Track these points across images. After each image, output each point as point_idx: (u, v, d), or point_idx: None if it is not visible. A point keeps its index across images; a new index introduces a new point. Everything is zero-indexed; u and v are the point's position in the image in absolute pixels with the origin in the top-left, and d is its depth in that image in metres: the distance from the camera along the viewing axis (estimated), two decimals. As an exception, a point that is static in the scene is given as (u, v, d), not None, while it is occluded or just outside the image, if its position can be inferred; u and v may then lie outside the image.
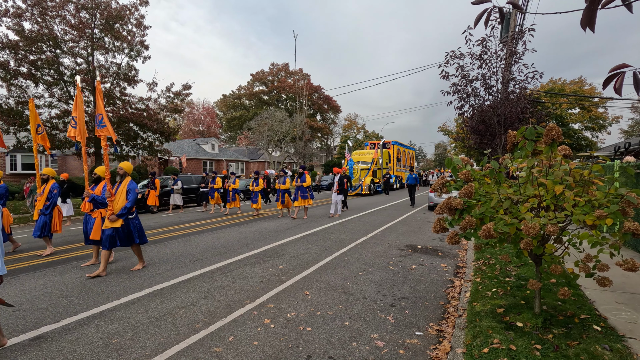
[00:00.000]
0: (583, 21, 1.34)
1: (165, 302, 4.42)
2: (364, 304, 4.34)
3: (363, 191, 22.55)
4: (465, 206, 3.54)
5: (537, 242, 3.19)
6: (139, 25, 15.36)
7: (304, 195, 11.49)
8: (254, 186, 12.73)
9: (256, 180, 12.77)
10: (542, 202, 3.17)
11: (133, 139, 16.22)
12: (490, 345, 3.10)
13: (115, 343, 3.38)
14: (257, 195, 12.82)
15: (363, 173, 23.10)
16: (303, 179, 11.48)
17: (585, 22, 1.33)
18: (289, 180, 11.78)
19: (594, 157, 9.19)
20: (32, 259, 6.78)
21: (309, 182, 11.51)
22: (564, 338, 3.12)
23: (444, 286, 5.11)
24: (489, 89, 7.76)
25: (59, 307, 4.27)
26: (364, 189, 22.57)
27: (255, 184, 12.73)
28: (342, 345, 3.35)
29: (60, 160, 27.55)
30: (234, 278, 5.35)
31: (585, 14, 1.32)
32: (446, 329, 3.74)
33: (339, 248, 7.34)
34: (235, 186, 13.52)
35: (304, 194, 11.49)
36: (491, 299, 4.19)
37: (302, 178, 11.49)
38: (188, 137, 52.87)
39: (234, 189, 13.51)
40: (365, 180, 22.70)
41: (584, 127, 28.85)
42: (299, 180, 11.52)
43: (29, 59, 13.24)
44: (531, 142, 3.36)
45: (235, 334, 3.56)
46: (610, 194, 2.92)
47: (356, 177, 22.28)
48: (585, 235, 2.96)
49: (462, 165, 3.71)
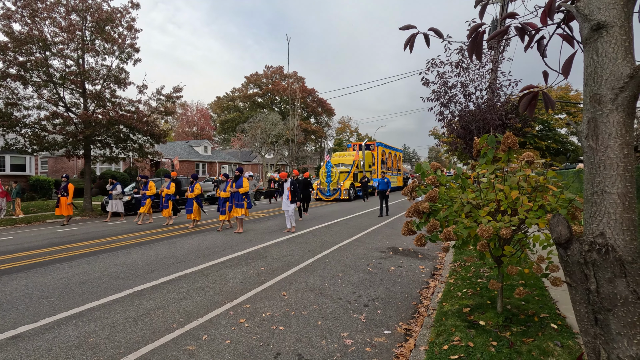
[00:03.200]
0: (469, 52, 1.54)
1: (144, 302, 4.51)
2: (338, 304, 4.48)
3: (342, 196, 20.67)
4: (431, 210, 3.71)
5: (494, 244, 3.36)
6: (130, 28, 15.39)
7: (239, 204, 9.61)
8: (189, 192, 10.86)
9: (192, 185, 10.91)
10: (500, 206, 3.34)
11: (123, 141, 16.21)
12: (451, 343, 3.25)
13: (91, 342, 3.47)
14: (192, 203, 10.84)
15: (342, 177, 21.40)
16: (239, 183, 9.62)
17: (470, 53, 1.53)
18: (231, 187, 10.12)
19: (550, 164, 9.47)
20: (16, 260, 6.82)
21: (246, 187, 9.61)
22: (520, 335, 3.29)
23: (419, 287, 5.27)
24: (468, 96, 8.02)
25: (39, 308, 4.35)
26: (343, 194, 20.69)
27: (191, 189, 10.87)
28: (312, 343, 3.48)
29: (50, 162, 27.36)
30: (214, 279, 5.46)
31: (470, 47, 1.51)
32: (414, 328, 3.89)
33: (322, 250, 7.48)
34: (169, 191, 11.43)
35: (238, 202, 9.62)
36: (460, 299, 4.36)
37: (239, 183, 9.64)
38: (182, 138, 52.75)
39: (167, 195, 11.42)
40: (344, 185, 20.92)
41: (570, 132, 29.48)
42: (234, 186, 9.67)
43: (18, 61, 13.22)
44: (491, 149, 3.54)
45: (209, 333, 3.68)
46: (561, 199, 3.11)
47: (334, 181, 20.80)
48: (537, 238, 3.14)
49: (430, 171, 3.89)
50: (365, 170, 23.72)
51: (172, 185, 11.46)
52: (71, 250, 7.72)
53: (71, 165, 25.20)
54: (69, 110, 15.02)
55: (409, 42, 1.64)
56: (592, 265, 1.63)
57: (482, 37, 1.55)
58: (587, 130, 1.69)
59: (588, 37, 1.63)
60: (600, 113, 1.62)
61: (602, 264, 1.60)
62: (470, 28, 1.53)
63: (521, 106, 1.68)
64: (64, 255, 7.25)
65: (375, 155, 25.77)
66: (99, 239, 9.04)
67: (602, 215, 1.65)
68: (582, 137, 1.73)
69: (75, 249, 7.85)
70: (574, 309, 1.79)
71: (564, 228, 1.74)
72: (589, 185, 1.72)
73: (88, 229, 11.10)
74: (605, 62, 1.59)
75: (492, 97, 8.07)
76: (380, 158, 26.28)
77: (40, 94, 14.41)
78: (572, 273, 1.72)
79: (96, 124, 14.45)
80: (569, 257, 1.71)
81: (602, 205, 1.65)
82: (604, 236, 1.63)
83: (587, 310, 1.68)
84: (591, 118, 1.66)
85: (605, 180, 1.63)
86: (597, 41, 1.61)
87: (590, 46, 1.63)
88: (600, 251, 1.61)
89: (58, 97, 14.67)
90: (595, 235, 1.67)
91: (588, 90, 1.67)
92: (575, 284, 1.72)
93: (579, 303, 1.72)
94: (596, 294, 1.63)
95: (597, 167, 1.66)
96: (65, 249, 7.81)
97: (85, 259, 6.89)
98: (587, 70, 1.66)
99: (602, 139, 1.63)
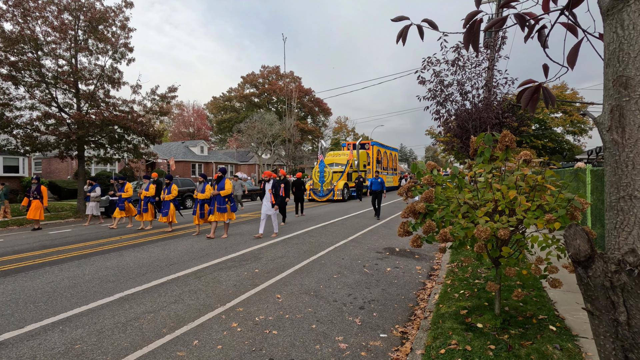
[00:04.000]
0: (465, 41, 1.44)
1: (134, 306, 4.40)
2: (333, 307, 4.39)
3: (335, 196, 20.14)
4: (427, 210, 3.62)
5: (492, 246, 3.29)
6: (124, 28, 15.21)
7: (222, 208, 8.89)
8: (165, 194, 10.04)
9: (168, 187, 10.05)
10: (498, 206, 3.27)
11: (117, 142, 16.03)
12: (448, 346, 3.17)
13: (77, 349, 3.36)
14: (168, 205, 10.01)
15: (336, 176, 20.83)
16: (221, 185, 8.95)
17: (467, 43, 1.43)
18: (210, 188, 9.33)
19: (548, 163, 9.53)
20: (4, 264, 6.67)
21: (228, 190, 8.91)
22: (519, 338, 3.21)
23: (416, 288, 5.19)
24: (465, 95, 7.97)
25: (25, 313, 4.22)
26: (336, 194, 20.14)
27: (167, 191, 10.03)
28: (306, 348, 3.39)
29: (44, 163, 27.08)
30: (207, 282, 5.35)
31: (466, 37, 1.41)
32: (410, 331, 3.81)
33: (318, 251, 7.39)
34: (148, 194, 10.61)
35: (221, 205, 8.91)
36: (457, 301, 4.28)
37: (221, 184, 8.96)
38: (178, 139, 52.46)
39: (146, 198, 10.64)
40: (338, 185, 20.33)
41: (566, 131, 29.56)
42: (216, 188, 8.99)
43: (10, 60, 13.03)
44: (489, 148, 3.46)
45: (200, 338, 3.58)
46: (560, 199, 3.03)
47: (327, 181, 20.23)
48: (535, 239, 3.07)
49: (426, 170, 3.81)
50: (360, 170, 23.11)
51: (152, 186, 10.61)
52: (63, 253, 7.58)
53: (65, 166, 24.96)
54: (61, 110, 14.82)
55: (401, 35, 1.54)
56: (621, 290, 1.31)
57: (478, 26, 1.43)
58: (609, 120, 1.39)
59: (610, 6, 1.36)
60: (628, 99, 1.33)
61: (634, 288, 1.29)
62: (467, 16, 1.41)
63: (522, 101, 1.51)
64: (54, 258, 7.11)
65: (370, 155, 25.20)
66: (92, 241, 8.90)
67: (632, 226, 1.34)
68: (604, 129, 1.44)
69: (67, 251, 7.71)
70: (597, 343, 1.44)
71: (583, 242, 1.41)
72: (614, 188, 1.42)
73: (80, 231, 10.94)
74: (633, 37, 1.31)
75: (488, 96, 8.01)
76: (375, 157, 25.79)
77: (32, 94, 14.20)
78: (594, 299, 1.39)
79: (89, 125, 14.27)
80: (591, 279, 1.39)
81: (631, 214, 1.34)
82: (636, 253, 1.32)
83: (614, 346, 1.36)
84: (615, 106, 1.37)
85: (635, 183, 1.34)
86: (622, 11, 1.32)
87: (614, 18, 1.35)
88: (631, 272, 1.30)
89: (51, 98, 14.48)
90: (623, 251, 1.36)
91: (611, 72, 1.40)
92: (598, 312, 1.39)
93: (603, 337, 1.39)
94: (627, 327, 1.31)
95: (623, 166, 1.36)
96: (56, 252, 7.67)
97: (76, 261, 6.75)
98: (608, 48, 1.40)
99: (630, 131, 1.33)
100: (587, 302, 1.45)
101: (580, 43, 1.47)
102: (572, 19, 1.46)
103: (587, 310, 1.46)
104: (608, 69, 1.41)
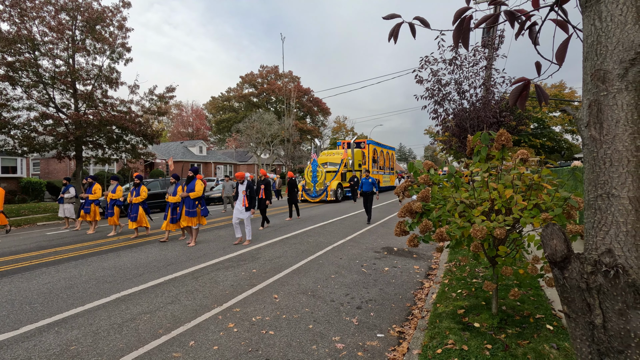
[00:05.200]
0: (454, 38, 1.42)
1: (130, 307, 4.38)
2: (330, 307, 4.38)
3: (328, 197, 19.41)
4: (424, 209, 3.61)
5: (488, 245, 3.28)
6: (121, 27, 15.17)
7: (191, 212, 8.01)
8: (133, 196, 9.23)
9: (137, 188, 9.24)
10: (494, 205, 3.26)
11: (115, 142, 15.99)
12: (445, 346, 3.16)
13: (72, 350, 3.34)
14: (137, 208, 9.20)
15: (329, 176, 20.12)
16: (191, 187, 8.09)
17: (456, 40, 1.41)
18: (182, 190, 8.36)
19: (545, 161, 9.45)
20: (0, 265, 6.64)
21: (199, 191, 8.04)
22: (515, 338, 3.21)
23: (413, 288, 5.18)
24: (462, 94, 7.96)
25: (21, 314, 4.20)
26: (329, 195, 19.41)
27: (135, 193, 9.22)
28: (302, 348, 3.38)
29: (42, 164, 27.01)
30: (204, 282, 5.34)
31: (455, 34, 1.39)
32: (408, 331, 3.80)
33: (316, 251, 7.38)
34: (114, 196, 9.62)
35: (190, 209, 8.03)
36: (454, 300, 4.28)
37: (190, 186, 8.11)
38: (177, 139, 52.40)
39: (112, 200, 9.64)
40: (331, 185, 19.58)
41: (565, 130, 29.58)
42: (186, 189, 8.16)
43: (6, 61, 12.99)
44: (485, 147, 3.45)
45: (196, 338, 3.56)
46: (556, 198, 3.03)
47: (320, 181, 19.55)
48: (532, 238, 3.06)
49: (422, 170, 3.80)
50: (355, 170, 22.22)
51: (119, 188, 9.72)
52: (60, 253, 7.55)
53: (63, 166, 24.90)
54: (59, 110, 14.78)
55: (393, 33, 1.52)
56: (597, 292, 1.27)
57: (468, 22, 1.39)
58: (587, 116, 1.34)
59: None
60: (605, 94, 1.29)
61: (610, 290, 1.25)
62: (455, 13, 1.38)
63: (510, 98, 1.47)
64: (51, 259, 7.09)
65: (366, 154, 24.21)
66: (89, 242, 8.87)
67: (609, 226, 1.30)
68: (582, 125, 1.38)
69: (64, 252, 7.69)
70: (574, 346, 1.40)
71: (560, 242, 1.36)
72: (591, 186, 1.36)
73: (78, 231, 10.91)
74: (611, 29, 1.27)
75: (486, 95, 8.01)
76: (371, 156, 24.90)
77: (29, 95, 14.16)
78: (570, 301, 1.34)
79: (87, 125, 14.24)
80: (567, 280, 1.34)
81: (609, 213, 1.30)
82: (612, 254, 1.27)
83: (590, 350, 1.31)
84: (593, 101, 1.32)
85: (612, 180, 1.29)
86: (600, 2, 1.29)
87: (592, 10, 1.32)
88: (607, 273, 1.25)
89: (48, 98, 14.43)
90: (600, 252, 1.31)
91: (589, 66, 1.35)
92: (575, 315, 1.34)
93: (580, 340, 1.34)
94: (602, 330, 1.27)
95: (601, 164, 1.31)
96: (53, 252, 7.64)
97: (73, 262, 6.73)
98: (587, 40, 1.35)
99: (607, 127, 1.29)
100: (564, 304, 1.39)
101: (569, 39, 1.44)
102: (562, 15, 1.44)
103: (564, 313, 1.41)
104: (586, 63, 1.37)
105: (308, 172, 20.26)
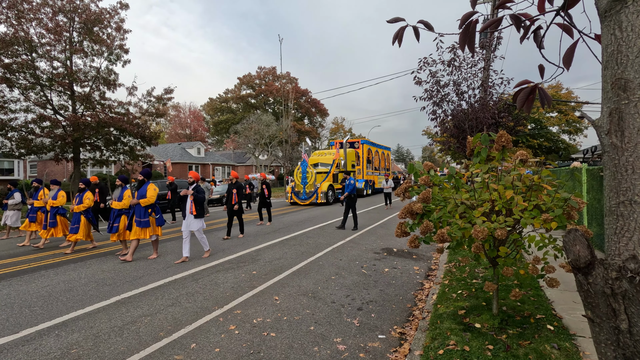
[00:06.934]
0: (461, 42, 1.44)
1: (131, 310, 4.37)
2: (331, 309, 4.38)
3: (319, 199, 18.24)
4: (425, 211, 3.63)
5: (489, 246, 3.29)
6: (119, 29, 15.18)
7: (142, 222, 6.84)
8: (75, 203, 7.88)
9: (81, 195, 7.90)
10: (495, 206, 3.27)
11: (113, 144, 15.97)
12: (446, 347, 3.17)
13: (73, 353, 3.33)
14: (78, 218, 7.78)
15: (320, 177, 19.06)
16: (142, 192, 6.91)
17: (462, 44, 1.43)
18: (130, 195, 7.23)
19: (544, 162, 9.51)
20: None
21: (151, 198, 6.88)
22: (517, 338, 3.22)
23: (414, 289, 5.19)
24: (461, 95, 8.01)
25: (20, 318, 4.18)
26: (320, 197, 18.22)
27: (78, 200, 7.87)
28: (304, 350, 3.38)
29: (39, 166, 26.89)
30: (204, 284, 5.33)
31: (462, 38, 1.41)
32: (409, 332, 3.81)
33: (316, 252, 7.38)
34: (55, 203, 8.27)
35: (141, 218, 6.87)
36: (455, 301, 4.29)
37: (141, 191, 6.94)
38: (175, 140, 52.29)
39: (52, 208, 8.31)
40: (322, 187, 18.41)
41: (562, 131, 29.74)
42: (136, 195, 6.98)
43: (4, 62, 12.95)
44: (485, 148, 3.47)
45: (198, 341, 3.55)
46: (556, 198, 3.04)
47: (310, 183, 18.50)
48: (532, 238, 3.07)
49: (423, 171, 3.81)
50: (348, 171, 21.91)
51: (61, 194, 8.41)
52: (59, 256, 7.52)
53: (61, 168, 24.81)
54: (57, 112, 14.74)
55: (397, 36, 1.54)
56: (622, 298, 1.27)
57: (474, 26, 1.43)
58: (608, 124, 1.36)
59: (608, 7, 1.34)
60: (627, 102, 1.31)
61: (635, 295, 1.26)
62: (462, 17, 1.41)
63: (518, 102, 1.51)
64: (50, 262, 7.05)
65: (360, 154, 23.28)
66: (89, 244, 8.82)
67: (632, 232, 1.31)
68: (602, 132, 1.41)
69: (63, 255, 7.65)
70: (598, 351, 1.41)
71: (583, 248, 1.36)
72: (613, 193, 1.38)
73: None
74: (631, 38, 1.28)
75: (484, 96, 8.05)
76: (365, 157, 23.92)
77: (27, 97, 14.12)
78: (595, 306, 1.36)
79: (85, 127, 14.21)
80: (591, 285, 1.35)
81: (632, 219, 1.31)
82: (637, 260, 1.28)
83: (615, 354, 1.33)
84: (614, 109, 1.34)
85: (635, 187, 1.30)
86: (620, 12, 1.30)
87: (611, 19, 1.33)
88: (633, 279, 1.26)
89: (45, 100, 14.40)
90: (624, 257, 1.33)
91: (609, 75, 1.37)
92: (599, 319, 1.35)
93: (604, 345, 1.35)
94: (628, 335, 1.27)
95: (623, 171, 1.33)
96: (52, 255, 7.60)
97: (72, 265, 6.70)
98: (607, 49, 1.38)
99: (629, 135, 1.30)
100: (588, 309, 1.41)
101: (576, 44, 1.47)
102: (568, 20, 1.46)
103: (587, 318, 1.42)
104: (606, 72, 1.39)
105: (297, 173, 19.16)
